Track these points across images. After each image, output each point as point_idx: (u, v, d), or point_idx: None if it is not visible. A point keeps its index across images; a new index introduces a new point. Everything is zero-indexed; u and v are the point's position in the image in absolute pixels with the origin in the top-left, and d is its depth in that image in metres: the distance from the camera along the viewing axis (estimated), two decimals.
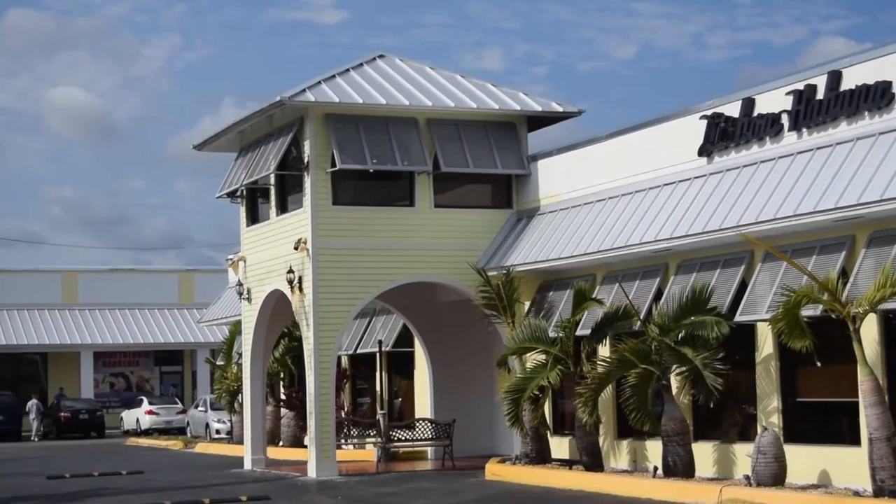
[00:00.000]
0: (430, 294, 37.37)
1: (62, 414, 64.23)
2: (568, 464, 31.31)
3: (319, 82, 35.43)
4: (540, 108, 36.78)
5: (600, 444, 30.74)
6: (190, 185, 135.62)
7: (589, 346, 31.17)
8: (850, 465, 24.17)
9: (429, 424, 37.60)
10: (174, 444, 54.44)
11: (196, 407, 61.86)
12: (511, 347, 32.39)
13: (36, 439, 62.89)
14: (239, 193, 38.93)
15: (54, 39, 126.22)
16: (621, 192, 31.78)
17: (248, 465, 38.74)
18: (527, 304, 34.26)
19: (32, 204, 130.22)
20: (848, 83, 25.73)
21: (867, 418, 23.14)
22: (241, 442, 42.91)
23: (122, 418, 66.21)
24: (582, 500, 26.77)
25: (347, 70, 36.76)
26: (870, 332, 24.00)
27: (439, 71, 37.97)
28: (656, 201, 30.18)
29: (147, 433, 62.09)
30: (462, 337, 38.17)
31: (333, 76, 36.08)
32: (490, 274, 34.29)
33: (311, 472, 34.34)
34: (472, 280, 34.57)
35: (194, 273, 75.79)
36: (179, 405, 66.74)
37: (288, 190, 36.37)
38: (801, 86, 26.77)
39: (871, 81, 25.17)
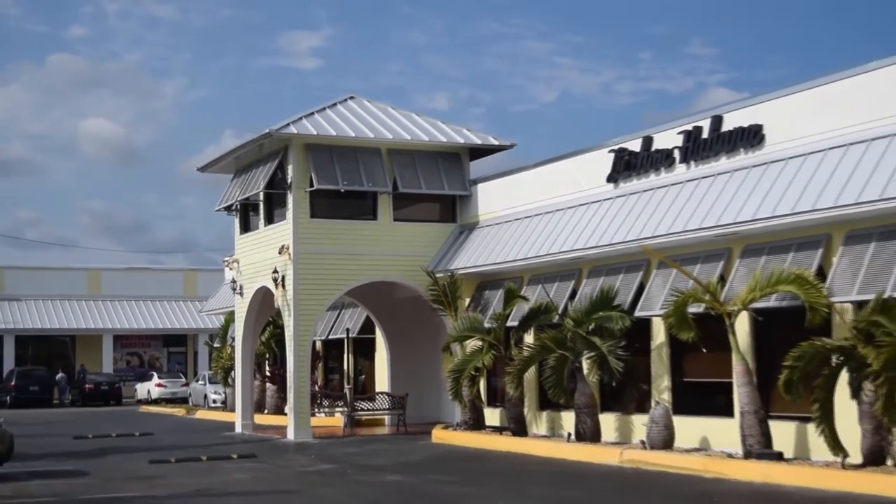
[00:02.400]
0: (389, 291, 37.29)
1: (87, 385, 63.85)
2: (499, 430, 31.30)
3: (301, 118, 35.38)
4: (479, 142, 36.80)
5: (525, 414, 30.71)
6: (195, 199, 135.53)
7: (516, 335, 31.17)
8: (725, 433, 24.22)
9: (386, 397, 37.56)
10: (178, 411, 54.08)
11: (197, 381, 61.43)
12: (454, 335, 32.36)
13: (67, 402, 62.86)
14: (234, 207, 38.75)
15: (86, 79, 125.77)
16: (545, 210, 31.80)
17: (238, 429, 38.53)
18: (467, 301, 34.22)
19: (66, 213, 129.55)
20: (727, 125, 25.91)
21: (739, 395, 23.28)
22: (233, 410, 42.71)
23: (136, 390, 65.66)
24: (510, 460, 26.72)
25: (324, 108, 36.70)
26: (742, 326, 24.10)
27: (398, 110, 37.92)
28: (573, 218, 30.23)
29: (156, 402, 61.59)
30: (414, 326, 38.09)
31: (312, 113, 36.04)
32: (438, 275, 34.28)
33: (290, 436, 34.23)
34: (423, 280, 34.58)
35: (197, 272, 75.36)
36: (183, 379, 66.27)
37: (274, 205, 36.22)
38: (690, 127, 26.95)
39: (745, 124, 25.34)
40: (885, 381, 19.24)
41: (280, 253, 34.49)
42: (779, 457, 22.27)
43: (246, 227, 38.79)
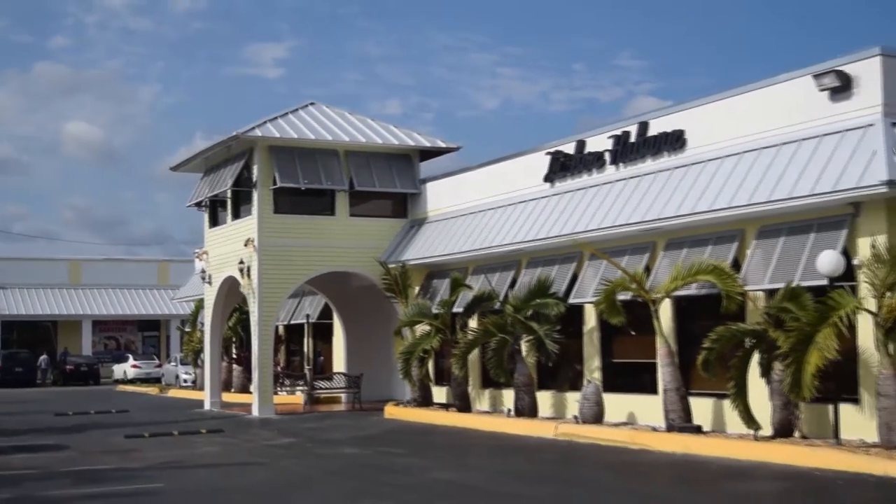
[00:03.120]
0: (346, 280, 37.26)
1: (67, 367, 63.37)
2: (445, 406, 31.39)
3: (265, 122, 35.29)
4: (428, 144, 36.87)
5: (469, 392, 30.81)
6: (168, 196, 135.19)
7: (462, 320, 31.28)
8: (650, 408, 24.41)
9: (343, 377, 37.58)
10: (152, 390, 53.77)
11: (169, 362, 61.22)
12: (404, 320, 32.37)
13: (49, 382, 62.42)
14: (204, 203, 38.60)
15: (68, 85, 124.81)
16: (488, 207, 31.88)
17: (207, 406, 38.36)
18: (417, 289, 34.23)
19: (50, 209, 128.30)
20: (653, 130, 26.09)
21: (662, 374, 23.49)
22: (202, 389, 42.56)
23: (113, 370, 65.13)
24: (455, 434, 26.81)
25: (286, 113, 36.63)
26: (665, 312, 24.32)
27: (354, 115, 37.90)
28: (513, 214, 30.34)
29: (132, 382, 61.18)
30: (369, 312, 38.07)
31: (276, 118, 35.93)
32: (390, 266, 34.26)
33: (255, 412, 34.18)
34: (377, 271, 34.57)
35: (170, 263, 74.68)
36: (157, 361, 65.98)
37: (240, 201, 36.06)
38: (619, 132, 27.10)
39: (669, 129, 25.55)
40: (792, 362, 19.49)
41: (246, 245, 34.45)
42: (698, 430, 22.52)
43: (215, 222, 38.61)
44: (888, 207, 20.31)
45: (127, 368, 63.86)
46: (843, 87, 21.27)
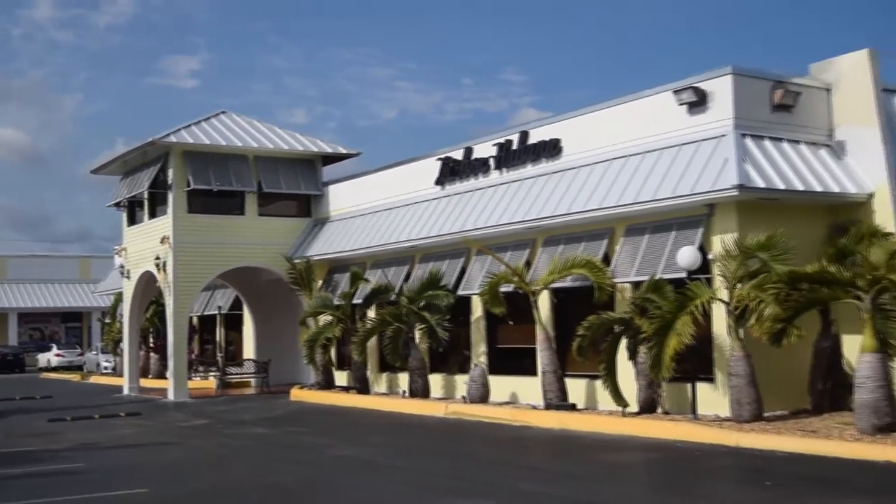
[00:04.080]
0: (255, 274, 36.84)
1: None
2: (346, 389, 31.18)
3: (180, 129, 34.78)
4: (330, 150, 36.63)
5: (368, 375, 30.67)
6: (90, 197, 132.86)
7: (361, 311, 31.12)
8: (530, 389, 24.52)
9: (252, 363, 37.29)
10: (74, 377, 52.63)
11: (91, 351, 59.99)
12: (309, 311, 32.16)
13: None
14: (122, 204, 37.86)
15: None
16: (384, 207, 31.77)
17: (126, 391, 37.66)
18: (320, 282, 34.00)
19: None
20: (533, 139, 26.21)
21: (541, 358, 23.60)
22: (121, 375, 41.65)
23: (37, 359, 63.50)
24: (355, 413, 26.70)
25: (200, 121, 36.08)
26: (544, 302, 24.45)
27: (263, 123, 37.46)
28: (407, 214, 30.28)
29: (55, 370, 59.73)
30: (276, 304, 37.71)
31: (190, 125, 35.42)
32: (295, 261, 34.00)
33: (170, 396, 33.56)
34: (283, 266, 34.31)
35: (91, 258, 73.06)
36: (79, 350, 64.51)
37: (156, 202, 35.44)
38: (502, 140, 27.18)
39: (547, 138, 25.71)
40: (654, 346, 19.77)
41: (162, 242, 33.88)
42: (572, 408, 22.70)
43: (133, 221, 37.90)
44: (738, 208, 20.73)
45: (51, 357, 62.32)
46: (699, 101, 21.63)
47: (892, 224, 20.89)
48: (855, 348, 18.33)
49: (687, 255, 20.16)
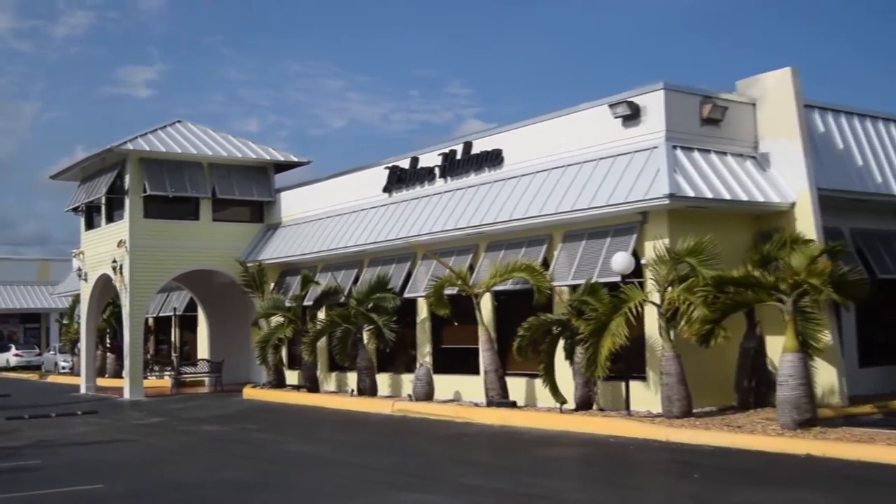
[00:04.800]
0: (209, 277, 36.53)
1: None
2: (297, 388, 30.99)
3: (137, 137, 34.39)
4: (282, 159, 36.39)
5: (318, 375, 30.54)
6: (49, 202, 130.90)
7: (311, 312, 30.93)
8: (473, 387, 24.56)
9: (206, 362, 36.96)
10: (33, 376, 51.84)
11: (49, 351, 59.02)
12: (261, 312, 31.94)
13: None
14: (80, 209, 37.30)
15: None
16: (334, 213, 31.68)
17: (83, 390, 37.06)
18: (272, 285, 33.78)
19: None
20: (476, 149, 26.26)
21: (483, 358, 23.63)
22: (78, 375, 40.94)
23: None
24: (306, 411, 26.53)
25: (156, 129, 35.67)
26: (486, 304, 24.50)
27: (217, 132, 37.14)
28: (356, 220, 30.19)
29: (14, 369, 58.74)
30: (229, 305, 37.39)
31: (146, 133, 35.04)
32: (248, 265, 33.79)
33: (126, 395, 33.09)
34: (237, 269, 34.07)
35: (50, 261, 71.74)
36: (37, 350, 63.41)
37: (114, 207, 34.98)
38: (447, 150, 27.21)
39: (489, 149, 25.77)
40: (590, 346, 19.84)
41: (118, 246, 33.45)
42: (513, 405, 22.76)
43: (90, 225, 37.39)
44: (669, 216, 20.91)
45: (9, 357, 61.15)
46: (632, 115, 21.80)
47: (813, 231, 21.24)
48: (778, 348, 18.55)
49: (621, 260, 20.30)
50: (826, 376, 20.57)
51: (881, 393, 22.59)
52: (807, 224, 21.43)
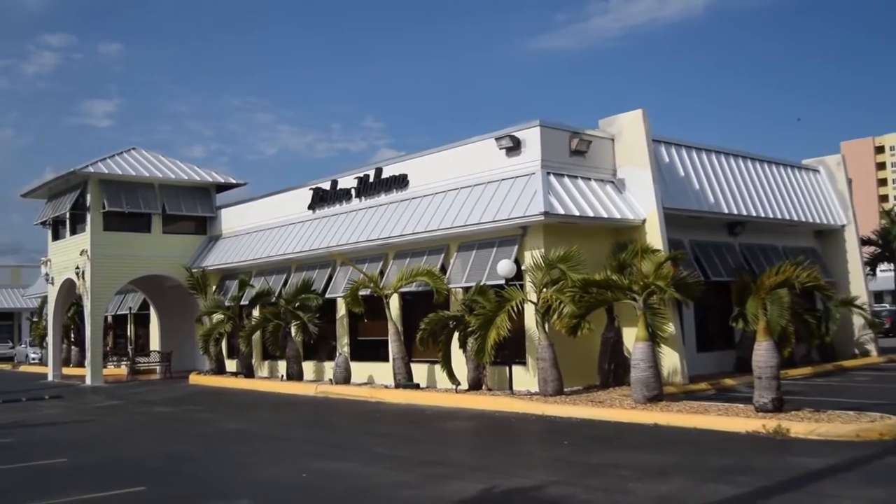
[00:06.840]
0: (160, 281, 35.91)
1: None
2: (235, 374, 30.63)
3: (97, 161, 33.76)
4: (223, 180, 35.96)
5: (253, 363, 30.25)
6: (21, 216, 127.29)
7: (247, 311, 30.67)
8: (384, 372, 24.64)
9: (157, 353, 36.31)
10: (6, 366, 50.13)
11: (20, 345, 57.29)
12: (204, 311, 31.55)
13: None
14: (48, 222, 36.41)
15: None
16: (267, 227, 31.42)
17: (50, 378, 36.17)
18: (213, 287, 33.35)
19: None
20: (386, 174, 26.28)
21: (392, 348, 23.64)
22: (46, 365, 39.98)
23: None
24: (242, 394, 26.17)
25: (114, 155, 35.04)
26: (394, 303, 24.55)
27: (167, 157, 36.54)
28: (285, 233, 29.98)
29: None
30: (177, 305, 36.81)
31: (105, 158, 34.40)
32: (193, 270, 33.36)
33: (88, 381, 32.37)
34: (184, 274, 33.69)
35: (21, 267, 69.63)
36: (10, 344, 61.56)
37: (77, 221, 34.24)
38: (362, 174, 27.18)
39: (397, 174, 25.83)
40: (479, 337, 20.07)
41: (81, 255, 32.80)
42: (417, 387, 22.90)
43: (57, 236, 36.50)
44: (544, 230, 21.25)
45: None
46: (514, 146, 22.09)
47: (660, 242, 21.80)
48: (632, 338, 19.00)
49: (505, 266, 20.59)
50: (670, 360, 21.14)
51: (714, 373, 23.32)
52: (655, 236, 21.98)
